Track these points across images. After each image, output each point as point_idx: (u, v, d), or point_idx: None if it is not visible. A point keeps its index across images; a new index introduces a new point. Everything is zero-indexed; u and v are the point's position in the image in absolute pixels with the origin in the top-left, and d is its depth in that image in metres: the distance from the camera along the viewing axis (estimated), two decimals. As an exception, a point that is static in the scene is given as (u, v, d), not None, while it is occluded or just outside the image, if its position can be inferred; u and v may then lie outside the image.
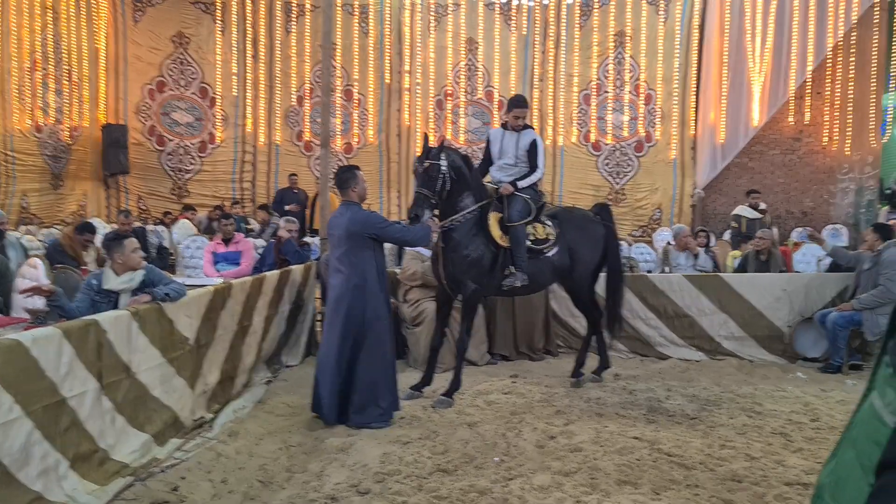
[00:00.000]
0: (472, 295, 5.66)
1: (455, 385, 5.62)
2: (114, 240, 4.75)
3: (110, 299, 4.57)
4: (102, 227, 11.07)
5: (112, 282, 4.57)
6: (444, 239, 5.63)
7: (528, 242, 5.80)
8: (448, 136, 14.07)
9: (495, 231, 5.66)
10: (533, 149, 5.87)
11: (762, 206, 11.32)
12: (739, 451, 4.46)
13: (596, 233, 6.29)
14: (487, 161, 6.12)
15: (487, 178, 6.10)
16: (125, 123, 13.76)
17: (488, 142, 6.17)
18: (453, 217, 5.57)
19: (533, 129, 6.12)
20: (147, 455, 4.08)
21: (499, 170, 6.00)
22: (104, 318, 3.88)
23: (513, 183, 5.79)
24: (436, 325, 5.99)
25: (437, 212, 5.56)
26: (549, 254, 5.95)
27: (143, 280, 4.59)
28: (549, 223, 6.03)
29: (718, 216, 13.72)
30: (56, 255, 6.78)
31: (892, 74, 13.63)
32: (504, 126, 6.04)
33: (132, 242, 4.69)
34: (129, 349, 4.01)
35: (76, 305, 4.47)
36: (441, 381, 5.86)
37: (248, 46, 14.12)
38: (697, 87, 13.72)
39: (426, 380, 5.82)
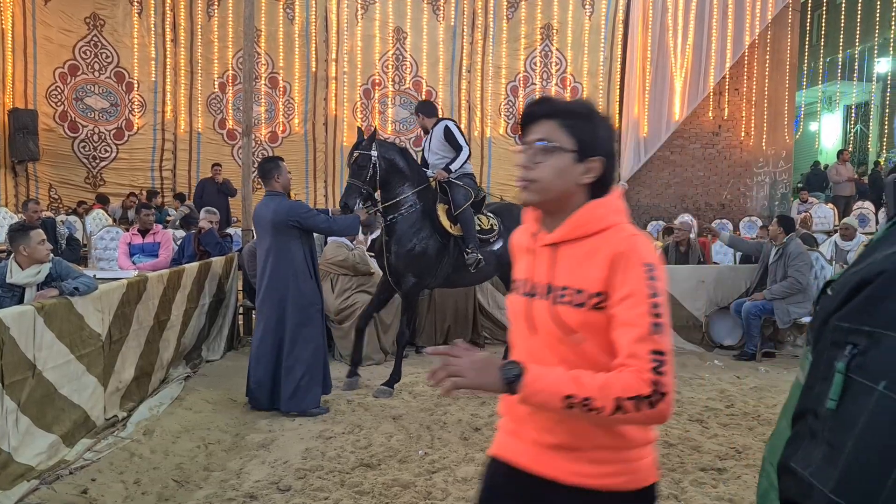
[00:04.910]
0: (410, 288, 5.69)
1: (396, 376, 5.68)
2: (19, 231, 4.49)
3: (14, 294, 4.33)
4: (9, 218, 10.54)
5: (17, 275, 4.33)
6: (388, 232, 5.67)
7: (476, 229, 5.91)
8: (375, 126, 13.95)
9: (444, 221, 5.73)
10: (448, 134, 5.94)
11: None
12: (658, 438, 4.56)
13: None
14: (423, 166, 6.18)
15: None
16: (34, 108, 13.05)
17: (422, 152, 6.30)
18: (392, 202, 5.58)
19: (443, 119, 6.21)
20: (55, 457, 3.90)
21: (431, 168, 6.06)
22: (7, 313, 3.66)
23: (446, 169, 5.84)
24: (368, 306, 6.00)
25: (379, 203, 5.63)
26: (495, 247, 6.03)
27: (50, 273, 4.37)
28: (493, 217, 6.16)
29: (642, 208, 14.05)
30: None
31: (804, 72, 14.20)
32: None
33: (38, 234, 4.44)
34: (34, 346, 3.80)
35: (-24, 300, 4.23)
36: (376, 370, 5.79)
37: (168, 30, 13.58)
38: (622, 82, 13.99)
39: (356, 362, 5.85)
